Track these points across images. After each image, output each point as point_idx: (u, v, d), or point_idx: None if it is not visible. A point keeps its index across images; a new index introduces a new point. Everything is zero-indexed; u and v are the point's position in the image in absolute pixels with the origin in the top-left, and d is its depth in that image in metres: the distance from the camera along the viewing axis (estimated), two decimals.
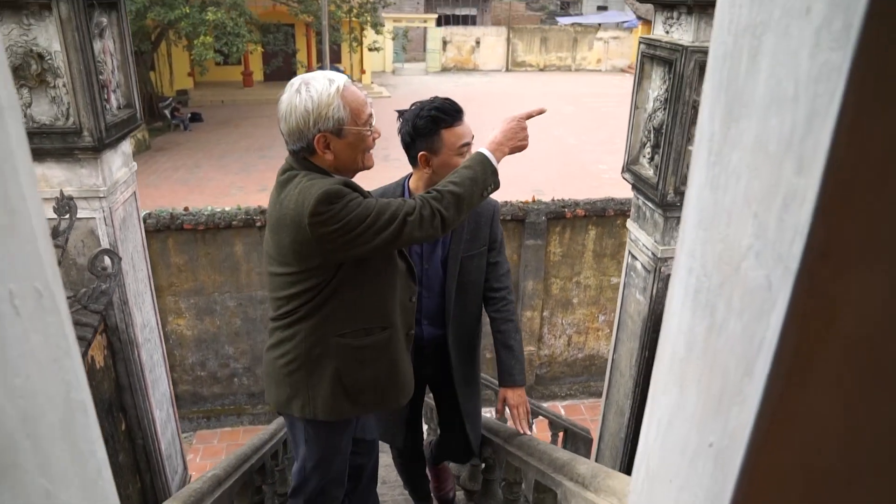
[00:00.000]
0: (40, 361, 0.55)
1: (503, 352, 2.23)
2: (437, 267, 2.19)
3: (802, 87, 0.46)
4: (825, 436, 0.53)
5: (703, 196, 0.60)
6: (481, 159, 1.75)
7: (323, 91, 1.58)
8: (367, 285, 1.78)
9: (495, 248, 2.25)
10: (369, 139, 1.66)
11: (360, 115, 1.63)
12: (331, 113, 1.58)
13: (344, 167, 1.68)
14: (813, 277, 0.47)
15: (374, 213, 1.59)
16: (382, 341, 1.84)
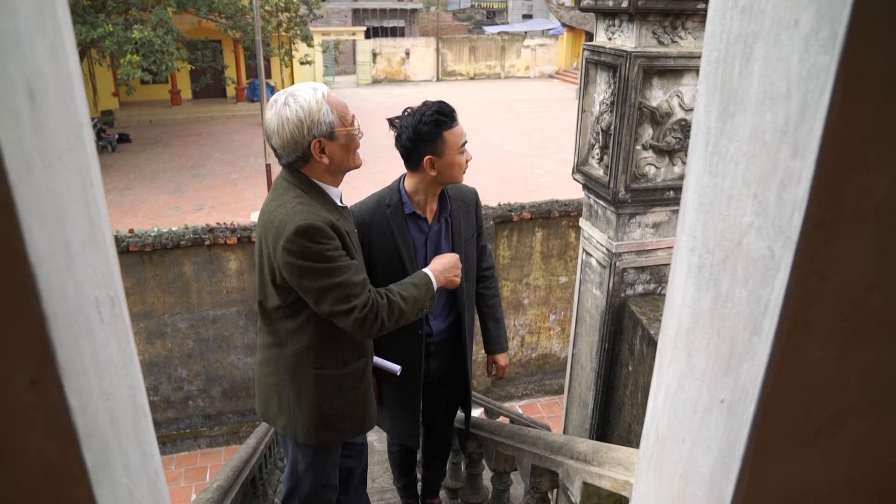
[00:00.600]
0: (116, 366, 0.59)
1: (492, 323, 2.48)
2: None
3: (794, 86, 0.55)
4: (822, 380, 0.62)
5: (702, 182, 0.69)
6: (427, 283, 1.88)
7: (311, 99, 1.64)
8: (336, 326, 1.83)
9: (482, 233, 2.39)
10: (357, 138, 1.74)
11: (345, 117, 1.70)
12: (322, 118, 1.65)
13: (338, 169, 1.75)
14: (810, 245, 0.56)
15: (337, 281, 1.64)
16: (360, 370, 1.91)
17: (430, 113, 2.02)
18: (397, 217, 2.17)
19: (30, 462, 0.46)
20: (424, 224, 2.22)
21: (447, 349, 2.41)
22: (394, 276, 2.14)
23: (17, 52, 0.40)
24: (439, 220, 2.25)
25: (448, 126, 2.03)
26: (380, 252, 2.17)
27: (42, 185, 0.42)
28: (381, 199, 2.20)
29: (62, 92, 0.47)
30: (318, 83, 1.72)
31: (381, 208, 2.17)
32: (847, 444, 0.68)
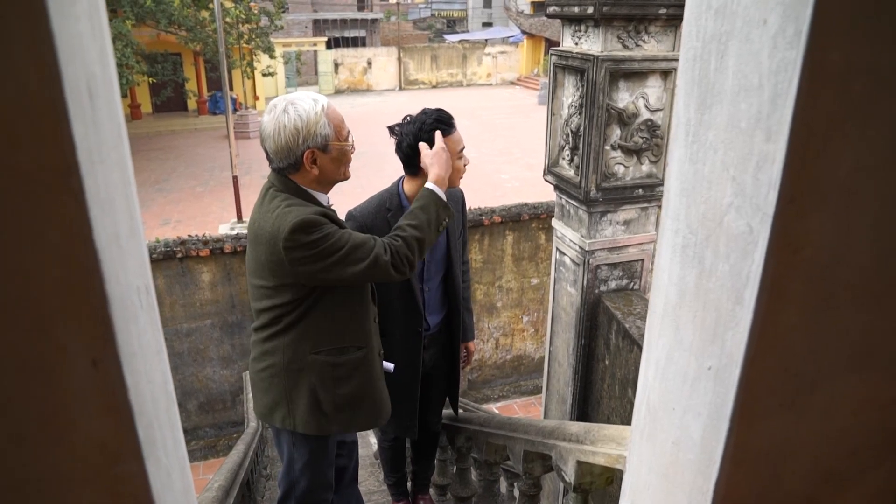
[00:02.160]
0: (152, 352, 0.62)
1: (466, 314, 2.57)
2: (435, 263, 2.34)
3: (765, 78, 0.61)
4: (798, 344, 0.68)
5: (684, 169, 0.75)
6: (433, 198, 1.89)
7: (310, 110, 1.68)
8: (344, 304, 1.86)
9: (464, 230, 2.49)
10: (349, 153, 1.79)
11: (341, 132, 1.74)
12: (318, 130, 1.69)
13: (326, 180, 1.79)
14: (784, 220, 0.62)
15: (349, 247, 1.71)
16: (357, 360, 1.91)
17: (430, 121, 2.07)
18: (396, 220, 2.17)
19: (87, 438, 0.49)
20: None
21: (438, 341, 2.49)
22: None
23: (79, 54, 0.43)
24: None
25: (447, 133, 2.08)
26: None
27: (100, 177, 0.46)
28: (382, 202, 2.26)
29: (108, 92, 0.51)
30: (320, 95, 1.77)
31: (382, 212, 2.23)
32: (823, 404, 0.74)
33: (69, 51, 0.41)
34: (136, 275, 0.57)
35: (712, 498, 0.76)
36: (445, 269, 2.39)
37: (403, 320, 2.33)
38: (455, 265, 2.38)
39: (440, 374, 2.56)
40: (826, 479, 0.81)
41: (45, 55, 0.38)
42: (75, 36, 0.42)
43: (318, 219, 1.69)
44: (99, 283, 0.45)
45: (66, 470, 0.49)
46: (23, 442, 0.46)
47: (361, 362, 1.92)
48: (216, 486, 1.90)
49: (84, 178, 0.42)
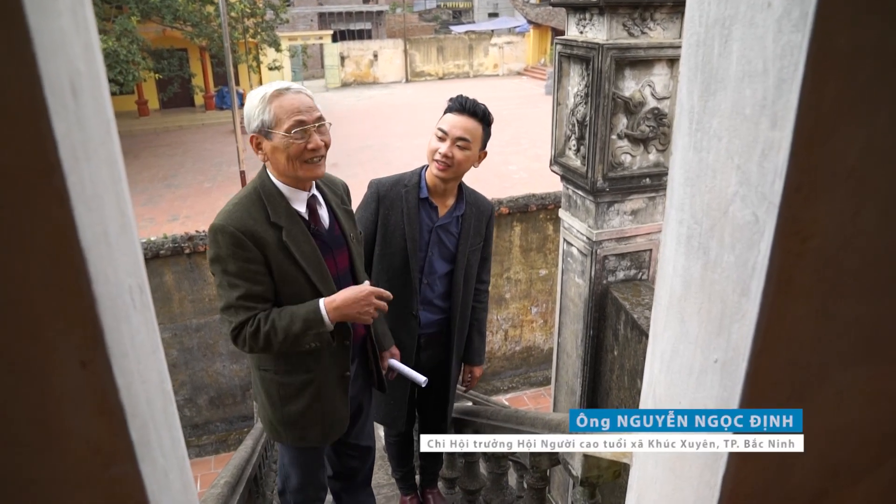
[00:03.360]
0: (147, 351, 0.61)
1: (476, 336, 2.51)
2: (439, 257, 2.31)
3: (770, 63, 0.59)
4: (806, 335, 0.67)
5: (688, 158, 0.73)
6: (313, 317, 1.69)
7: (256, 95, 1.67)
8: None
9: (488, 244, 2.43)
10: (296, 146, 1.65)
11: (282, 121, 1.64)
12: (256, 115, 1.65)
13: (280, 172, 1.72)
14: (791, 208, 0.60)
15: (224, 281, 1.65)
16: (304, 382, 1.84)
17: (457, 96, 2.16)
18: (411, 198, 2.22)
19: (79, 440, 0.48)
20: (435, 214, 2.27)
21: (437, 344, 2.46)
22: (396, 254, 2.24)
23: (62, 50, 0.42)
24: (450, 216, 2.29)
25: (450, 111, 2.12)
26: (389, 228, 2.23)
27: (85, 175, 0.45)
28: (402, 178, 2.27)
29: (94, 88, 0.50)
30: (292, 84, 1.73)
31: (399, 187, 2.24)
32: (831, 396, 0.73)
33: (49, 48, 0.40)
34: (128, 273, 0.57)
35: (720, 492, 0.75)
36: (450, 269, 2.35)
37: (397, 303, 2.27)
38: (459, 266, 2.33)
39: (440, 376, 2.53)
40: (835, 473, 0.80)
41: (23, 53, 0.37)
42: (56, 32, 0.41)
43: (233, 235, 1.62)
44: (86, 283, 0.44)
45: (58, 473, 0.48)
46: (13, 445, 0.45)
47: (309, 384, 1.85)
48: (222, 483, 1.91)
49: (67, 176, 0.41)
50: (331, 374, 1.86)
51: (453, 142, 2.09)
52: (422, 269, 2.31)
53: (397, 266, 2.27)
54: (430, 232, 2.26)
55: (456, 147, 2.10)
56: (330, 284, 1.78)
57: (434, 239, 2.27)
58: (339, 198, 1.94)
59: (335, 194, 1.93)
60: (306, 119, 1.65)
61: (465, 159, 2.13)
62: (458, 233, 2.30)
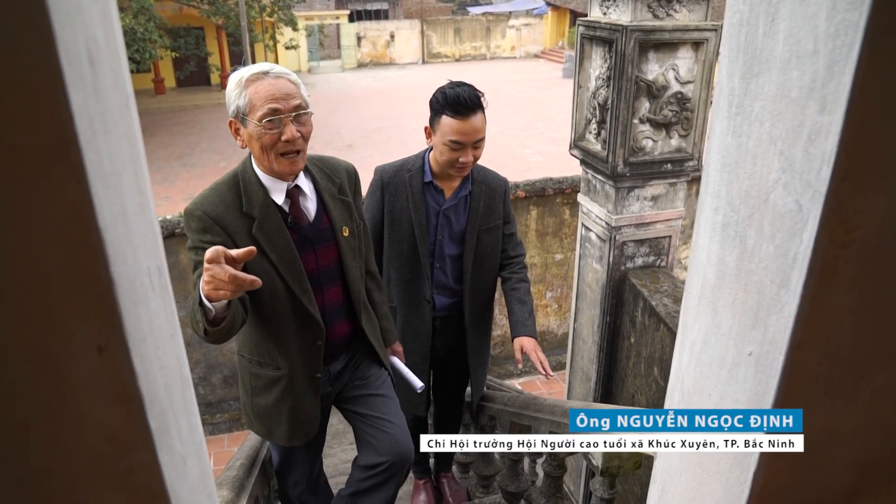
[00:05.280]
0: (165, 335, 0.60)
1: (517, 306, 2.33)
2: (449, 240, 2.26)
3: (822, 43, 0.56)
4: (847, 329, 0.64)
5: (726, 143, 0.70)
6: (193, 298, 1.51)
7: (234, 78, 1.58)
8: (257, 319, 1.71)
9: (510, 222, 2.36)
10: (268, 137, 1.55)
11: (255, 109, 1.54)
12: (232, 98, 1.56)
13: (258, 161, 1.63)
14: (838, 197, 0.57)
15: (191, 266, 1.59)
16: (275, 378, 1.77)
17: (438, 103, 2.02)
18: (415, 183, 2.17)
19: (96, 428, 0.47)
20: (441, 197, 2.21)
21: (451, 327, 2.41)
22: (404, 240, 2.18)
23: (79, 17, 0.40)
24: (456, 198, 2.22)
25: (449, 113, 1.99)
26: (395, 214, 2.19)
27: (103, 150, 0.43)
28: (405, 163, 2.22)
29: (112, 59, 0.48)
30: (272, 65, 1.60)
31: (402, 172, 2.19)
32: (868, 392, 0.70)
33: (65, 13, 0.37)
34: (147, 255, 0.55)
35: (750, 487, 0.72)
36: (462, 250, 2.29)
37: (409, 290, 2.27)
38: (468, 247, 2.26)
39: (455, 360, 2.48)
40: (869, 471, 0.77)
41: (38, 17, 0.35)
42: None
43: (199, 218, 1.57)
44: (104, 265, 0.42)
45: (75, 461, 0.47)
46: (28, 433, 0.44)
47: (279, 381, 1.76)
48: (237, 465, 1.92)
49: (84, 151, 0.39)
50: (299, 374, 1.76)
51: (472, 146, 2.03)
52: (432, 252, 2.26)
53: (406, 252, 2.23)
54: (437, 215, 2.22)
55: (475, 149, 2.04)
56: (303, 281, 1.68)
57: (442, 222, 2.23)
58: (338, 187, 1.80)
59: (332, 183, 1.79)
60: (281, 108, 1.54)
61: (482, 151, 2.09)
62: (466, 213, 2.24)
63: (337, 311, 1.82)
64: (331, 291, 1.79)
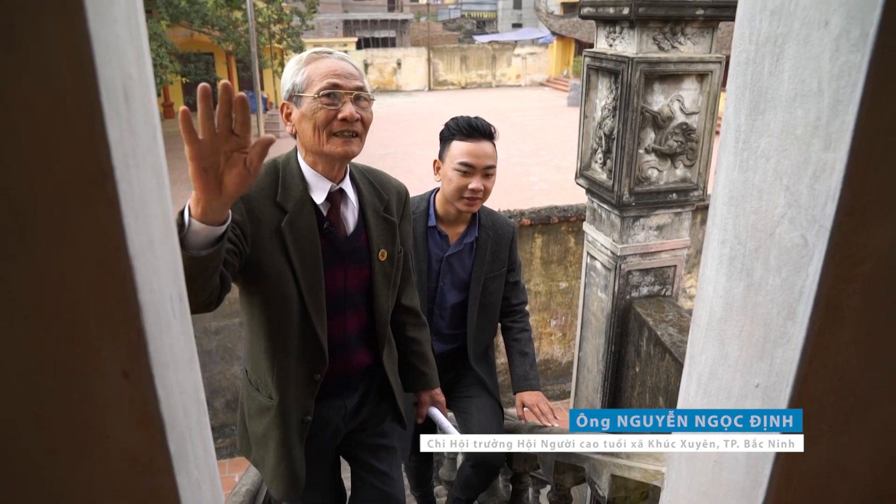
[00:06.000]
0: (184, 361, 0.61)
1: (518, 358, 2.25)
2: (451, 287, 2.15)
3: (826, 83, 0.58)
4: (854, 363, 0.65)
5: (733, 177, 0.71)
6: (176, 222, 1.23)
7: (294, 59, 1.46)
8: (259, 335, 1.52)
9: (514, 269, 2.26)
10: (323, 113, 1.39)
11: (313, 83, 1.40)
12: (289, 76, 1.44)
13: (307, 145, 1.46)
14: (843, 232, 0.59)
15: None
16: (265, 408, 1.57)
17: (446, 127, 1.99)
18: (418, 226, 2.07)
19: (118, 450, 0.48)
20: (445, 242, 2.10)
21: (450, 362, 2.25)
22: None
23: (116, 56, 0.42)
24: (461, 244, 2.11)
25: (459, 137, 1.94)
26: None
27: (134, 182, 0.45)
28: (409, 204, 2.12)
29: (144, 94, 0.50)
30: (336, 51, 1.49)
31: None
32: (877, 426, 0.70)
33: (106, 53, 0.39)
34: (170, 282, 0.56)
35: None
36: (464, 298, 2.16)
37: None
38: (472, 295, 2.15)
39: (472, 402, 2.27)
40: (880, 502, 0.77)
41: (83, 57, 0.37)
42: (112, 38, 0.41)
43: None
44: (132, 291, 0.44)
45: (97, 483, 0.48)
46: (55, 454, 0.45)
47: (268, 411, 1.55)
48: (243, 491, 1.90)
49: (119, 182, 0.41)
50: (291, 411, 1.55)
51: (483, 173, 1.94)
52: (433, 300, 2.14)
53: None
54: (439, 262, 2.10)
55: (486, 177, 1.95)
56: (319, 298, 1.49)
57: (445, 269, 2.12)
58: (384, 204, 1.62)
59: (379, 199, 1.62)
60: (341, 84, 1.40)
61: (492, 186, 1.99)
62: (471, 260, 2.13)
63: (358, 339, 1.64)
64: (355, 317, 1.61)
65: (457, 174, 1.93)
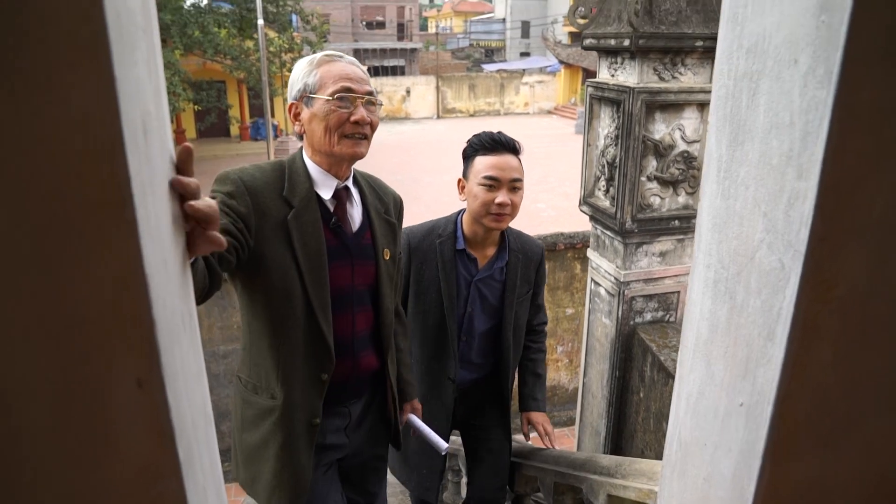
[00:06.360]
0: (193, 374, 0.64)
1: (531, 378, 2.23)
2: (481, 313, 2.07)
3: (796, 116, 0.61)
4: (833, 382, 0.67)
5: (716, 205, 0.75)
6: None
7: (304, 60, 1.50)
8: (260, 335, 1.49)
9: (538, 292, 2.20)
10: (336, 115, 1.43)
11: (326, 85, 1.44)
12: (300, 78, 1.47)
13: (316, 145, 1.49)
14: (816, 257, 0.62)
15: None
16: (266, 410, 1.51)
17: (469, 143, 1.95)
18: (446, 250, 2.00)
19: (131, 456, 0.51)
20: (473, 267, 2.03)
21: (479, 393, 2.18)
22: (431, 312, 2.01)
23: (136, 95, 0.46)
24: (491, 268, 2.04)
25: (482, 152, 1.90)
26: (423, 283, 2.02)
27: (150, 208, 0.49)
28: (435, 227, 2.05)
29: (160, 128, 0.54)
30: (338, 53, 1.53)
31: (432, 237, 2.02)
32: (860, 444, 0.73)
33: (128, 92, 0.44)
34: (181, 300, 0.60)
35: None
36: (494, 325, 2.09)
37: (432, 367, 2.09)
38: (506, 322, 2.08)
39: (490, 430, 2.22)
40: None
41: (108, 97, 0.41)
42: (133, 79, 0.46)
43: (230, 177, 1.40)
44: (147, 308, 0.48)
45: (109, 486, 0.51)
46: (69, 458, 0.48)
47: (270, 412, 1.50)
48: None
49: (137, 209, 0.45)
50: (297, 412, 1.50)
51: (509, 187, 1.88)
52: (461, 326, 2.06)
53: (433, 325, 2.03)
54: (468, 286, 2.02)
55: (512, 191, 1.89)
56: (324, 294, 1.48)
57: (474, 294, 2.04)
58: (385, 207, 1.67)
59: (381, 201, 1.66)
60: (354, 88, 1.45)
61: (520, 202, 1.93)
62: (502, 285, 2.06)
63: (367, 339, 1.63)
64: (362, 316, 1.60)
65: (482, 189, 1.87)
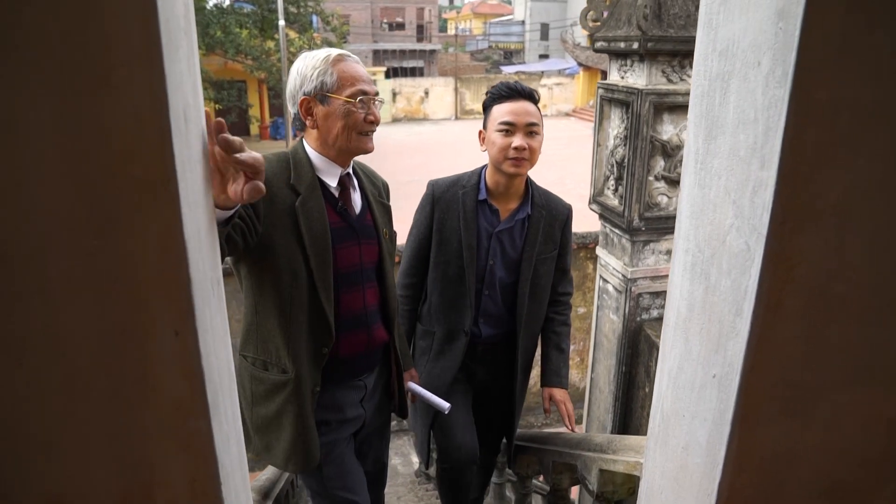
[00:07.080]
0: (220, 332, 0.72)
1: (554, 352, 2.22)
2: (502, 266, 2.07)
3: (760, 113, 0.68)
4: (797, 355, 0.74)
5: (693, 194, 0.82)
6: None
7: (317, 57, 1.56)
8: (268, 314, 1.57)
9: (565, 255, 2.18)
10: (355, 115, 1.54)
11: (345, 87, 1.53)
12: (316, 75, 1.52)
13: (330, 142, 1.57)
14: (778, 239, 0.69)
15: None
16: (278, 384, 1.60)
17: (496, 84, 1.98)
18: (468, 200, 2.02)
19: (167, 396, 0.60)
20: (495, 218, 2.03)
21: (494, 358, 2.16)
22: (451, 263, 2.03)
23: (180, 87, 0.55)
24: (512, 220, 2.03)
25: (499, 101, 1.92)
26: (445, 233, 2.03)
27: (189, 183, 0.57)
28: (460, 179, 2.08)
29: (197, 118, 0.63)
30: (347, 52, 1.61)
31: (456, 188, 2.04)
32: (826, 415, 0.79)
33: (173, 85, 0.52)
34: (211, 267, 0.68)
35: (716, 500, 0.81)
36: (515, 280, 2.08)
37: (448, 318, 2.08)
38: (523, 276, 2.06)
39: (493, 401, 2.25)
40: (833, 489, 0.85)
41: (158, 89, 0.50)
42: (178, 73, 0.54)
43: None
44: (185, 268, 0.56)
45: (148, 423, 0.59)
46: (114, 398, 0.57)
47: (283, 386, 1.59)
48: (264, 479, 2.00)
49: (179, 183, 0.53)
50: (305, 382, 1.59)
51: (525, 131, 1.89)
52: (482, 279, 2.05)
53: (452, 276, 2.04)
54: (489, 238, 2.02)
55: (529, 136, 1.89)
56: (327, 275, 1.57)
57: (494, 246, 2.03)
58: (378, 190, 1.79)
59: (374, 186, 1.78)
60: (369, 90, 1.56)
61: (539, 147, 1.93)
62: (522, 238, 2.06)
63: (376, 313, 1.74)
64: (371, 291, 1.72)
65: (499, 135, 1.90)
